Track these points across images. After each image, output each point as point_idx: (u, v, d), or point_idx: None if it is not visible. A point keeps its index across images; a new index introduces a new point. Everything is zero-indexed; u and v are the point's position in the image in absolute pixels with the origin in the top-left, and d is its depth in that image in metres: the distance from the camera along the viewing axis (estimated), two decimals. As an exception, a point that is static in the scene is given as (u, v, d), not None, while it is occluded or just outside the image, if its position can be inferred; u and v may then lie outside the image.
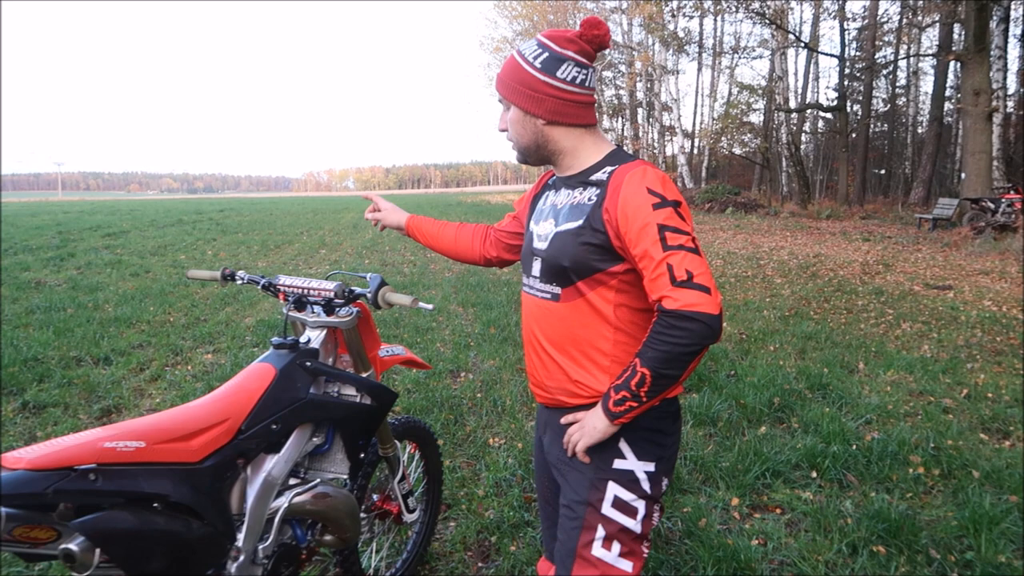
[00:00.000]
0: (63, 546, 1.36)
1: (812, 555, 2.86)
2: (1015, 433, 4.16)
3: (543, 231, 1.73)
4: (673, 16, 33.61)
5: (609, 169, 1.62)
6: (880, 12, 29.55)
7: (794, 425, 4.27)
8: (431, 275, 10.70)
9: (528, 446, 3.93)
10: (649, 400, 1.50)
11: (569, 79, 1.63)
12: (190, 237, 17.48)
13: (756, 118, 35.79)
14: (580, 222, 1.61)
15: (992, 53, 18.10)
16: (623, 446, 1.64)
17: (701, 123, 37.62)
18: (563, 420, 1.71)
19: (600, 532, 1.63)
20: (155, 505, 1.54)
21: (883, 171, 38.02)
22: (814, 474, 3.61)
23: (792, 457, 3.75)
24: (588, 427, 1.59)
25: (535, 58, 1.64)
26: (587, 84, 1.66)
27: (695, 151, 36.37)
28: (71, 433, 1.61)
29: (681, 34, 35.08)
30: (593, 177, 1.64)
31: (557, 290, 1.67)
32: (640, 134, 39.24)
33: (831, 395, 4.77)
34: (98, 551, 1.39)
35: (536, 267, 1.74)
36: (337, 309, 2.10)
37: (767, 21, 26.16)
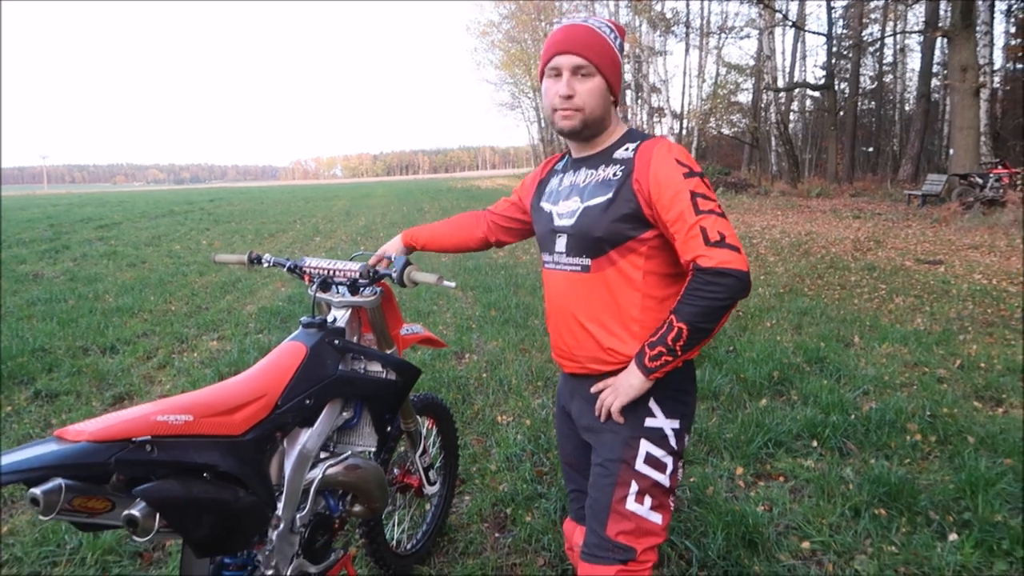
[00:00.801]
0: (127, 512, 1.43)
1: (816, 519, 2.97)
2: (1008, 400, 4.28)
3: (565, 209, 1.83)
4: (661, -3, 33.53)
5: (632, 146, 1.76)
6: (867, -11, 29.62)
7: (793, 397, 4.38)
8: (427, 259, 10.76)
9: (536, 423, 4.02)
10: (683, 354, 1.61)
11: (623, 67, 1.78)
12: (183, 227, 17.45)
13: (744, 98, 35.89)
14: (609, 195, 1.72)
15: (979, 29, 18.20)
16: (652, 405, 1.75)
17: (689, 104, 37.58)
18: (593, 389, 1.80)
19: (634, 487, 1.73)
20: (204, 475, 1.62)
21: (871, 149, 38.18)
22: (815, 443, 3.73)
23: (793, 427, 3.86)
24: (623, 386, 1.70)
25: (614, 40, 1.76)
26: None
27: (684, 132, 36.37)
28: (86, 419, 1.68)
29: (668, 15, 35.08)
30: (616, 155, 1.77)
31: (587, 261, 1.76)
32: (629, 116, 39.25)
33: (828, 368, 4.89)
34: (158, 516, 1.47)
35: (561, 243, 1.83)
36: (362, 289, 2.18)
37: (754, 0, 26.16)
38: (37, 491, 1.33)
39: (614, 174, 1.73)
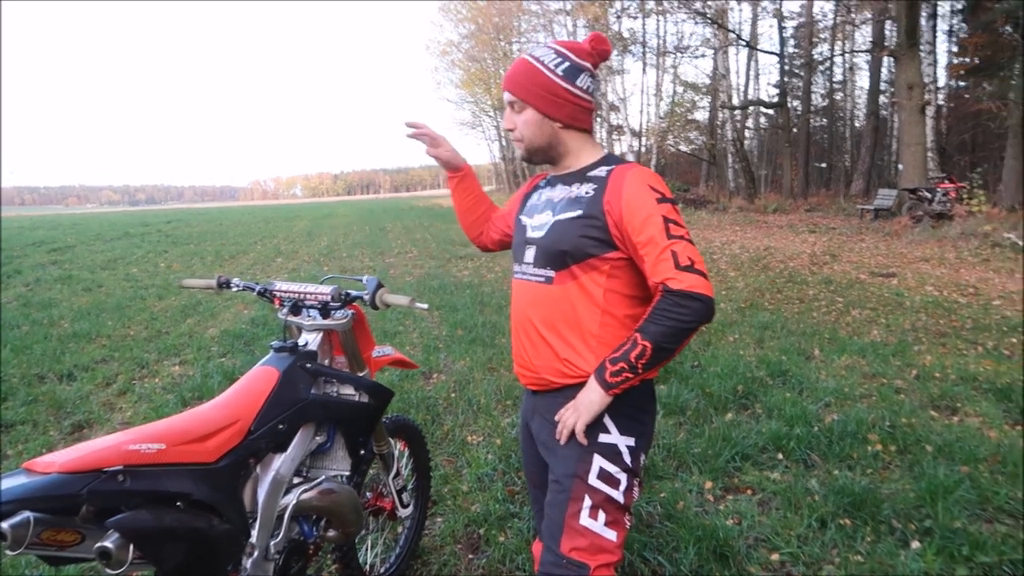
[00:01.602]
0: (99, 544, 1.41)
1: (784, 530, 3.02)
2: (962, 409, 4.42)
3: (537, 222, 1.89)
4: (618, 17, 34.09)
5: (606, 168, 1.81)
6: (816, 10, 30.52)
7: (758, 411, 4.46)
8: (392, 280, 10.72)
9: (506, 442, 4.03)
10: (644, 372, 1.66)
11: (584, 88, 1.83)
12: (140, 250, 17.11)
13: (701, 116, 36.54)
14: (579, 212, 1.77)
15: (923, 48, 18.82)
16: (607, 421, 1.78)
17: (648, 122, 38.16)
18: (556, 416, 1.82)
19: (587, 502, 1.75)
20: (178, 504, 1.60)
21: (824, 164, 39.11)
22: (780, 456, 3.79)
23: (759, 441, 3.92)
24: (584, 403, 1.72)
25: (556, 66, 1.80)
26: (594, 94, 1.85)
27: (643, 149, 36.88)
28: (45, 449, 1.65)
29: (626, 34, 35.57)
30: (591, 173, 1.82)
31: (551, 273, 1.81)
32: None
33: (791, 381, 4.99)
34: (131, 547, 1.44)
35: (529, 254, 1.88)
36: (333, 312, 2.18)
37: (708, 20, 26.75)
38: (4, 525, 1.31)
39: (586, 192, 1.79)
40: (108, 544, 1.41)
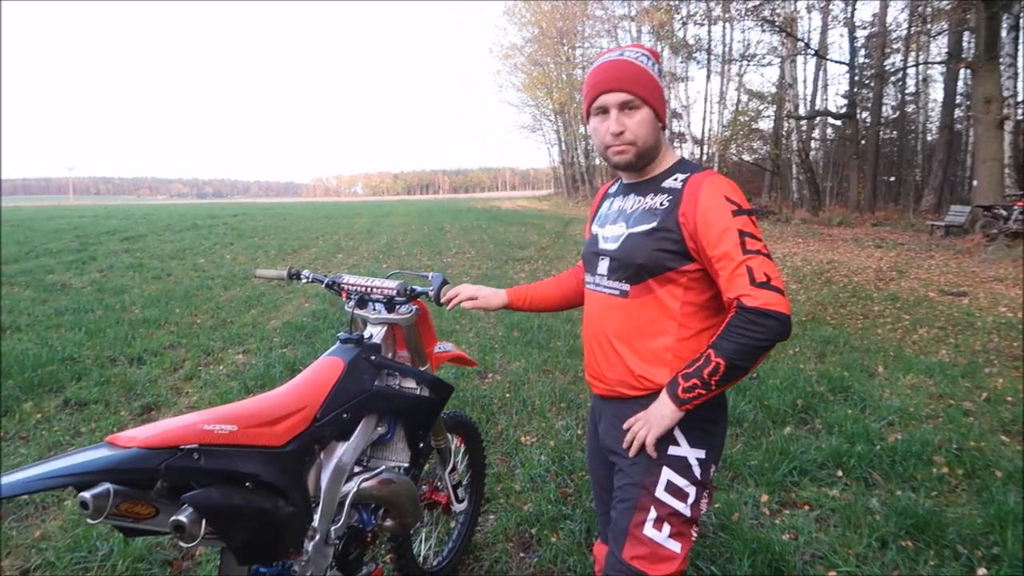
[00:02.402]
0: (174, 518, 1.47)
1: (843, 548, 2.95)
2: (1035, 435, 4.24)
3: (610, 233, 1.85)
4: (683, 24, 33.73)
5: (682, 176, 1.76)
6: (889, 20, 29.62)
7: (818, 426, 4.36)
8: (450, 280, 10.76)
9: (560, 444, 4.03)
10: (717, 389, 1.61)
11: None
12: (207, 241, 17.66)
13: (766, 125, 35.85)
14: (654, 224, 1.73)
15: (1002, 60, 18.15)
16: (677, 434, 1.75)
17: (710, 130, 37.65)
18: (625, 425, 1.80)
19: (652, 513, 1.73)
20: (247, 484, 1.66)
21: (893, 178, 37.99)
22: (840, 473, 3.71)
23: (818, 456, 3.84)
24: (655, 417, 1.70)
25: (652, 67, 1.78)
26: None
27: (704, 158, 36.38)
28: (116, 428, 1.72)
29: (691, 41, 35.21)
30: (665, 184, 1.78)
31: (626, 287, 1.78)
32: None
33: (853, 397, 4.86)
34: (204, 523, 1.50)
35: (603, 266, 1.85)
36: (398, 307, 2.22)
37: (776, 28, 26.26)
38: (87, 495, 1.36)
39: (661, 204, 1.74)
40: (183, 518, 1.47)
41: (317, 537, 1.91)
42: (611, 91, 1.74)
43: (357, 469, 2.14)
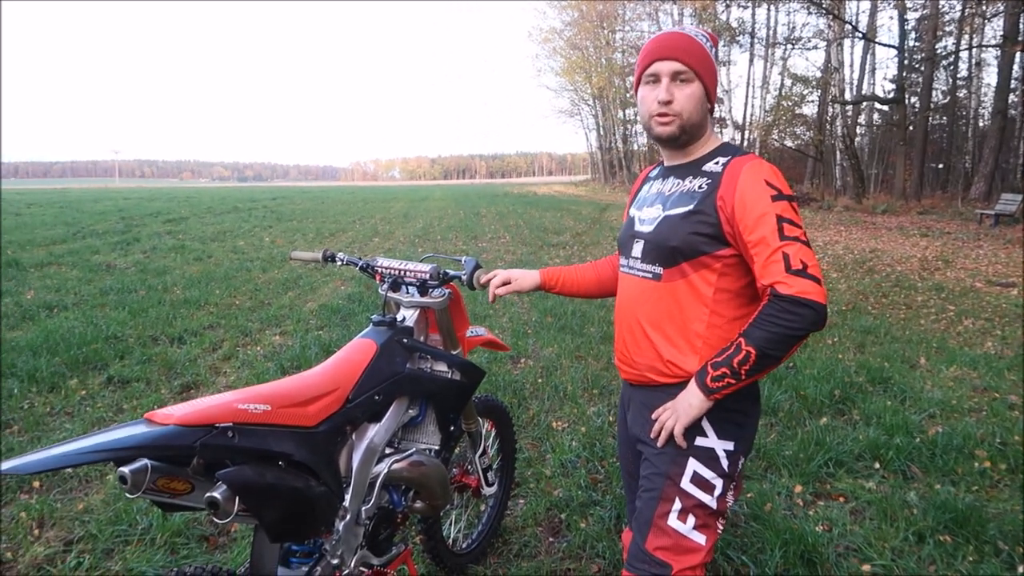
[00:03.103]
0: (209, 494, 1.50)
1: (878, 542, 2.90)
2: (1084, 431, 4.11)
3: (647, 216, 1.82)
4: (727, 6, 33.12)
5: (723, 160, 1.72)
6: (942, 2, 28.69)
7: (855, 417, 4.29)
8: (485, 264, 10.83)
9: (591, 430, 4.03)
10: (747, 379, 1.57)
11: None
12: (247, 224, 17.93)
13: (809, 110, 35.11)
14: (690, 207, 1.70)
15: (1061, 44, 17.46)
16: (705, 424, 1.71)
17: (752, 115, 37.03)
18: (654, 415, 1.77)
19: (677, 504, 1.71)
20: (280, 463, 1.68)
21: (941, 165, 36.97)
22: (877, 465, 3.64)
23: (854, 448, 3.78)
24: (683, 406, 1.66)
25: (710, 48, 1.75)
26: None
27: (746, 143, 35.79)
28: (156, 405, 1.75)
29: (734, 24, 34.55)
30: (706, 167, 1.74)
31: (659, 270, 1.75)
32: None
33: (892, 389, 4.77)
34: (237, 500, 1.53)
35: (637, 248, 1.83)
36: (431, 290, 2.23)
37: (823, 11, 25.64)
38: (125, 470, 1.39)
39: (699, 187, 1.71)
40: (217, 495, 1.49)
41: (348, 517, 1.93)
42: (666, 59, 1.71)
43: (388, 451, 2.16)
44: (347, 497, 1.93)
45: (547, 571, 2.75)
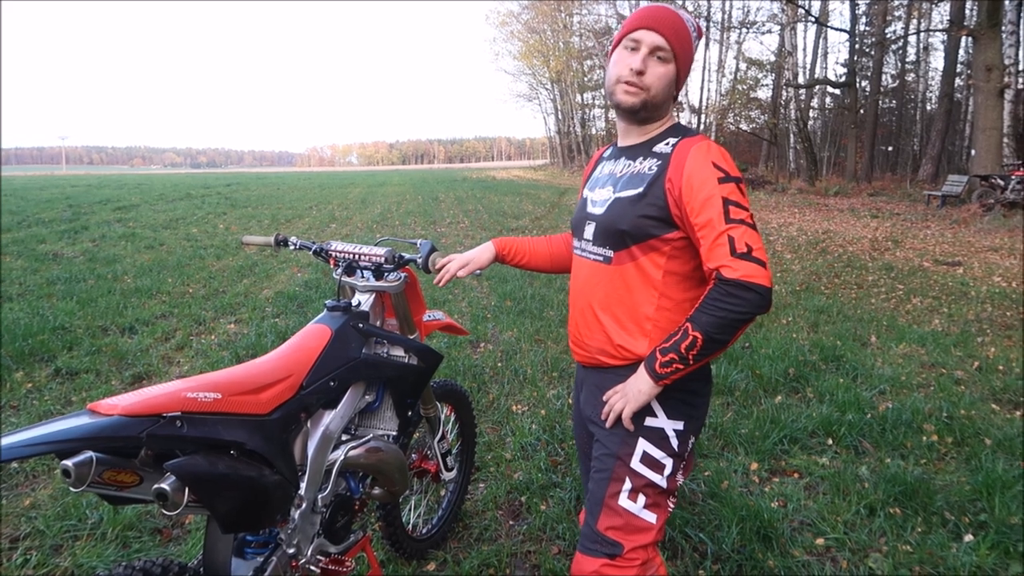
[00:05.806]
0: (157, 486, 1.46)
1: (831, 516, 2.97)
2: (1026, 403, 4.26)
3: (599, 197, 1.82)
4: (683, -11, 33.27)
5: (673, 141, 1.72)
6: (892, -14, 29.25)
7: (809, 395, 4.37)
8: (444, 249, 10.75)
9: (551, 413, 4.04)
10: (695, 363, 1.58)
11: None
12: (200, 211, 17.54)
13: (764, 94, 35.61)
14: (640, 190, 1.70)
15: (1004, 28, 17.91)
16: (655, 405, 1.72)
17: (708, 99, 37.39)
18: (605, 397, 1.78)
19: (627, 484, 1.72)
20: (231, 453, 1.65)
21: (891, 148, 37.84)
22: (830, 441, 3.72)
23: (808, 425, 3.85)
24: (632, 391, 1.67)
25: (695, 40, 1.75)
26: None
27: (702, 127, 36.15)
28: (107, 396, 1.70)
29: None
30: (656, 148, 1.74)
31: (610, 253, 1.76)
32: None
33: (844, 366, 4.88)
34: (187, 491, 1.49)
35: (589, 231, 1.82)
36: (386, 274, 2.19)
37: (777, -5, 25.90)
38: (69, 463, 1.35)
39: (649, 168, 1.71)
40: (165, 486, 1.46)
41: (304, 505, 1.90)
42: (652, 29, 1.69)
43: (345, 437, 2.13)
44: (303, 485, 1.90)
45: (507, 554, 2.75)
